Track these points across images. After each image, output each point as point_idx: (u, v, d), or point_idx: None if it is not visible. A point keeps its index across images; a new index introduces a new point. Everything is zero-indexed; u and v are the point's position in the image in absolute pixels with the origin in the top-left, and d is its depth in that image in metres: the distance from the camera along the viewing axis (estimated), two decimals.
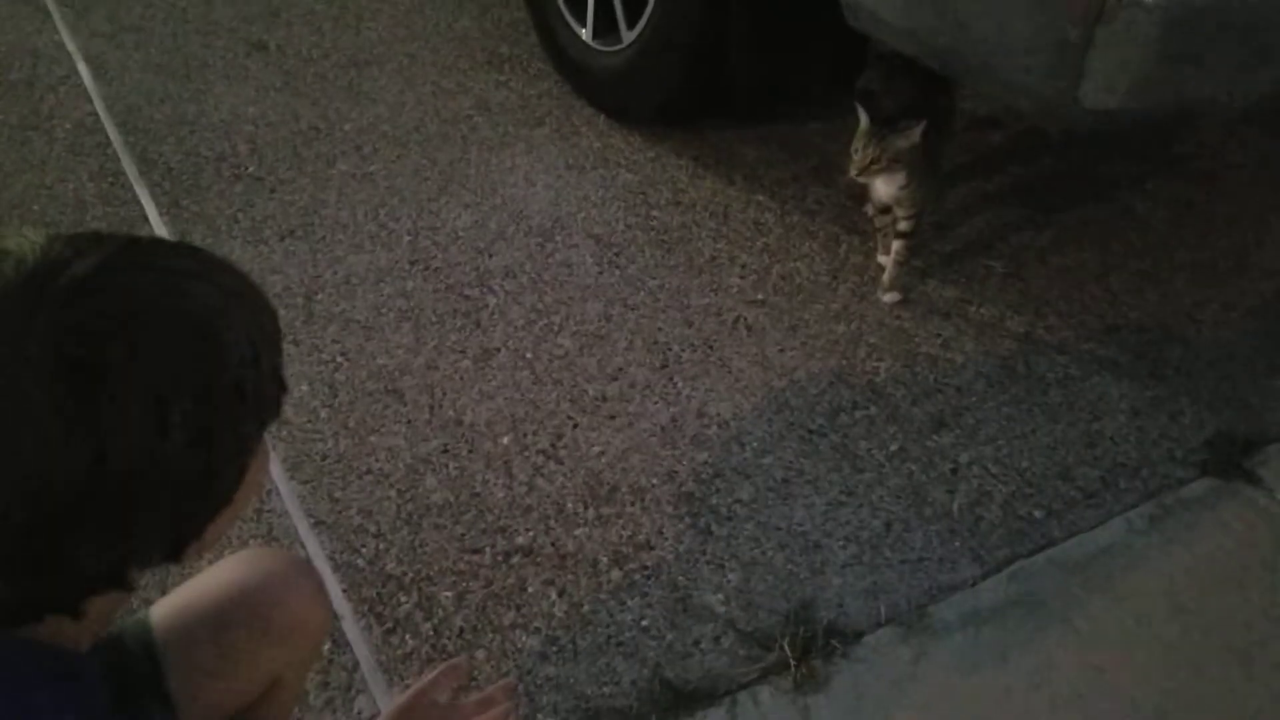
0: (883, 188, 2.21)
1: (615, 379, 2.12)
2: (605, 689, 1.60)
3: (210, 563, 1.15)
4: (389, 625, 1.67)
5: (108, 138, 2.70)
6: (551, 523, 1.84)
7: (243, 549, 1.18)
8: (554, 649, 1.65)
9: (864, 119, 2.12)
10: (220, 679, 1.07)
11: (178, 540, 0.75)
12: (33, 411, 0.63)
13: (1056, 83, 1.74)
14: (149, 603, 1.12)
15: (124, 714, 0.89)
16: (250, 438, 0.76)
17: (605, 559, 1.79)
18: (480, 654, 1.64)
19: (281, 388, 0.79)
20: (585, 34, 2.82)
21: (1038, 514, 1.90)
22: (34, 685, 0.72)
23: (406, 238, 2.45)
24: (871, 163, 2.11)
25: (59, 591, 0.71)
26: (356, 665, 1.61)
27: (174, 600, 1.09)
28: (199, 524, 0.75)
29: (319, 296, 2.27)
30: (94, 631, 0.79)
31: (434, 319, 2.24)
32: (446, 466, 1.93)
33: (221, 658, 1.07)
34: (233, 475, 0.75)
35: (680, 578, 1.77)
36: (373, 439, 1.97)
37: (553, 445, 1.98)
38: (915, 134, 2.08)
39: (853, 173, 2.15)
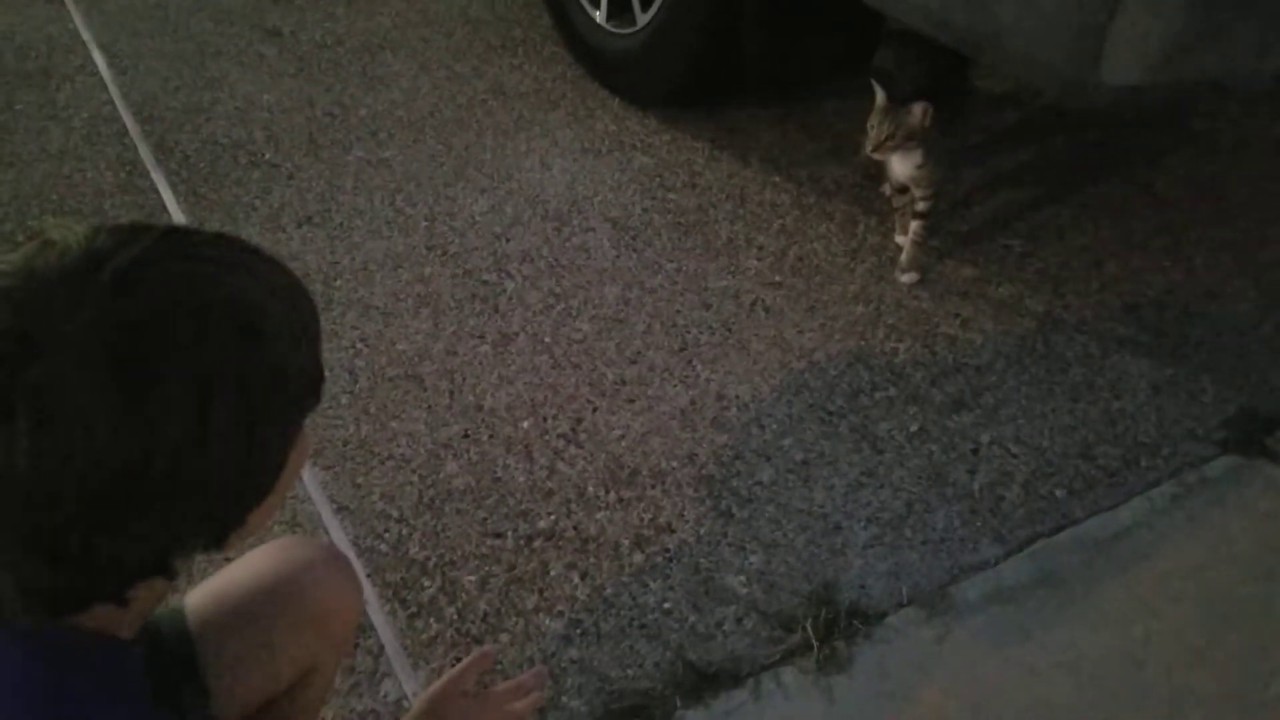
0: (900, 167, 2.20)
1: (634, 362, 2.12)
2: (628, 671, 1.61)
3: (244, 551, 1.16)
4: (413, 610, 1.68)
5: (124, 126, 2.71)
6: (573, 506, 1.85)
7: (275, 537, 1.18)
8: (577, 632, 1.66)
9: (880, 96, 2.11)
10: (253, 667, 1.08)
11: (222, 528, 0.76)
12: (80, 403, 0.64)
13: (1077, 59, 1.73)
14: (179, 590, 1.13)
15: (164, 703, 0.89)
16: (291, 426, 0.77)
17: (627, 542, 1.79)
18: (504, 638, 1.65)
19: (320, 376, 0.80)
20: (599, 17, 2.81)
21: (1059, 493, 1.90)
22: (80, 674, 0.73)
23: (423, 223, 2.45)
24: (886, 139, 2.10)
25: (105, 579, 0.72)
26: (381, 649, 1.62)
27: (208, 588, 1.10)
28: (242, 511, 0.76)
29: (337, 283, 2.28)
30: (137, 619, 0.80)
31: (452, 304, 2.24)
32: (467, 451, 1.94)
33: (255, 646, 1.08)
34: (275, 463, 0.76)
35: (702, 560, 1.77)
36: (393, 424, 1.98)
37: (573, 429, 1.99)
38: (917, 111, 2.07)
39: (868, 149, 2.14)
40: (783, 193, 2.58)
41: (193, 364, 0.67)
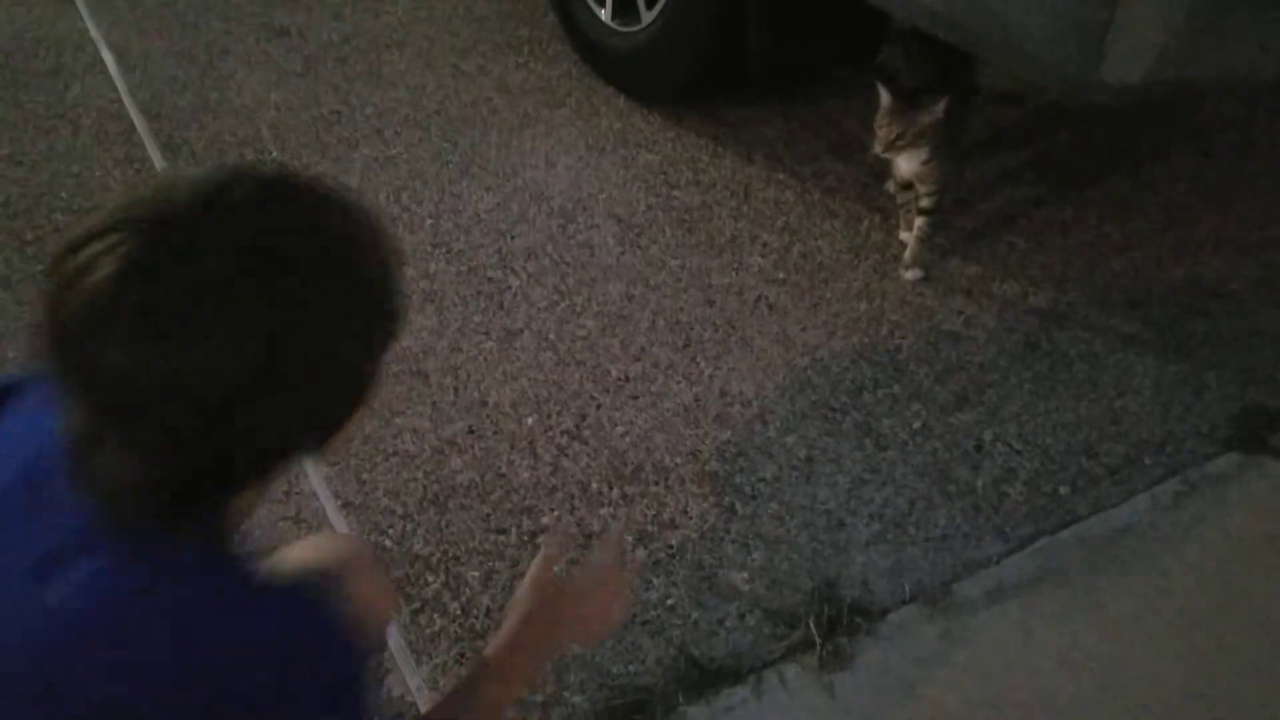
0: (905, 164, 2.20)
1: (638, 359, 2.13)
2: (631, 667, 1.62)
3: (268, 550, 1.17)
4: (417, 605, 1.69)
5: (132, 125, 2.72)
6: (576, 503, 1.86)
7: (315, 535, 1.20)
8: None
9: (885, 96, 2.11)
10: None
11: (328, 428, 0.83)
12: (216, 314, 0.72)
13: (1079, 58, 1.73)
14: None
15: None
16: (387, 344, 0.85)
17: (630, 538, 1.80)
18: None
19: (404, 302, 0.87)
20: (604, 14, 2.81)
21: (1062, 491, 1.90)
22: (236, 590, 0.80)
23: (429, 220, 2.46)
24: (897, 139, 2.10)
25: (224, 476, 0.79)
26: (384, 644, 1.63)
27: None
28: (344, 415, 0.84)
29: None
30: (231, 534, 0.85)
31: (457, 301, 2.25)
32: (472, 448, 1.95)
33: None
34: (374, 374, 0.84)
35: (705, 556, 1.78)
36: (399, 421, 1.99)
37: (576, 426, 1.99)
38: (939, 109, 2.07)
39: (878, 150, 2.14)
40: (786, 190, 2.59)
41: (313, 279, 0.76)
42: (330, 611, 0.82)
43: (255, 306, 0.73)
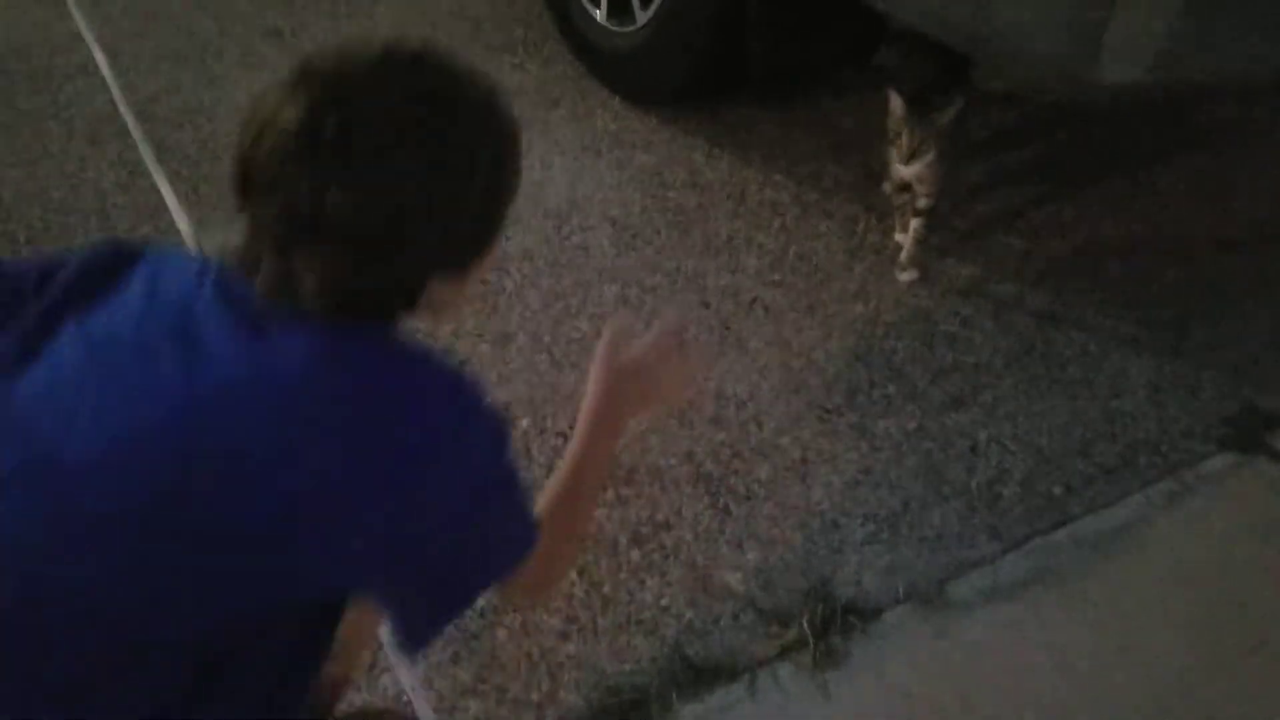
0: (908, 166, 2.19)
1: None
2: (625, 666, 1.61)
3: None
4: None
5: (126, 126, 2.72)
6: None
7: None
8: (574, 628, 1.66)
9: (897, 103, 2.10)
10: None
11: (465, 258, 0.94)
12: (389, 149, 0.84)
13: (1076, 57, 1.73)
14: None
15: None
16: (513, 193, 0.96)
17: (625, 539, 1.80)
18: (501, 634, 1.65)
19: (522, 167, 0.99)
20: (599, 15, 2.81)
21: (1056, 491, 1.90)
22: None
23: None
24: (920, 145, 2.09)
25: (385, 292, 0.90)
26: (381, 644, 1.62)
27: None
28: (477, 251, 0.94)
29: None
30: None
31: None
32: None
33: None
34: (502, 219, 0.95)
35: (699, 557, 1.77)
36: None
37: (571, 428, 1.97)
38: (954, 110, 2.06)
39: (899, 160, 2.13)
40: (783, 191, 2.58)
41: (464, 126, 0.89)
42: (481, 389, 0.95)
43: (419, 147, 0.85)
